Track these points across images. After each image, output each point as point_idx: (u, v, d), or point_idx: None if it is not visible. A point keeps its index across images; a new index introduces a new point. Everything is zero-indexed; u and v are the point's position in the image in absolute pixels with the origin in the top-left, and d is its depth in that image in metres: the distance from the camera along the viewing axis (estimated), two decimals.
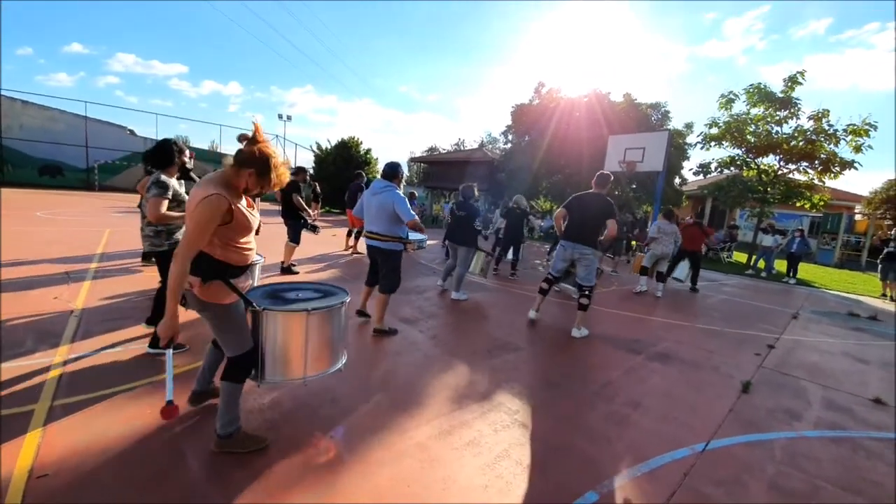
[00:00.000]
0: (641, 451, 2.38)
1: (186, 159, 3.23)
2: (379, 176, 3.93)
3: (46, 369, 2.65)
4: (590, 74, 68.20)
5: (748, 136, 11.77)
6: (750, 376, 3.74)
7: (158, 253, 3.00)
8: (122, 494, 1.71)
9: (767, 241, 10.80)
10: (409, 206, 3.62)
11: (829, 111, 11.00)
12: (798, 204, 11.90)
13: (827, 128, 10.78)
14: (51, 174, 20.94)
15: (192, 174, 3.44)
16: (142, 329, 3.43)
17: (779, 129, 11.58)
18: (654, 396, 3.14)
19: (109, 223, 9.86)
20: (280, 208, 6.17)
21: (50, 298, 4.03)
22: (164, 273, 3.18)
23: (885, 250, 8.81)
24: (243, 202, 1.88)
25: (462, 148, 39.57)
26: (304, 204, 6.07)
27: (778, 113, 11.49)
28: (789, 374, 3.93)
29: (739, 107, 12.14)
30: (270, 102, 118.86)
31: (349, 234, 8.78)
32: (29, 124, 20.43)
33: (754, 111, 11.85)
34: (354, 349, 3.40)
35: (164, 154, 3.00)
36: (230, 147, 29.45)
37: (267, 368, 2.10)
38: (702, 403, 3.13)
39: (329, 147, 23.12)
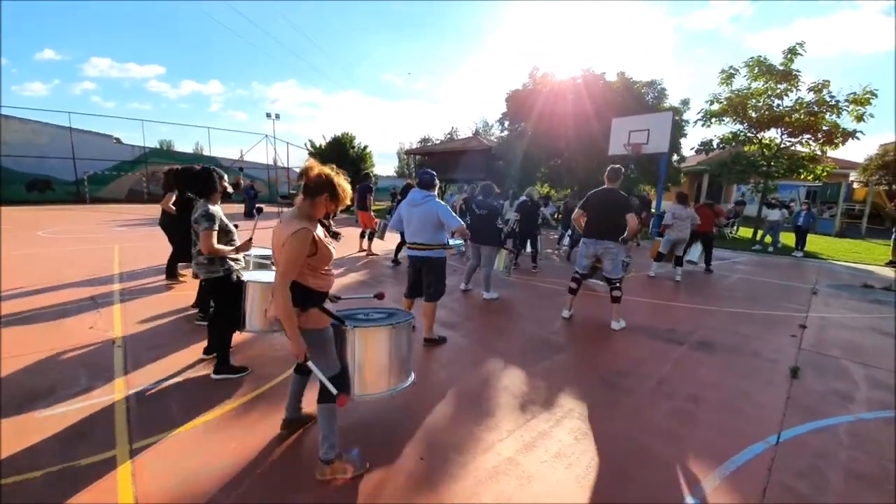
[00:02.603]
0: (720, 448, 2.42)
1: (227, 184, 3.24)
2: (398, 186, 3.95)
3: (111, 408, 2.62)
4: (581, 53, 67.88)
5: (750, 111, 11.78)
6: (793, 360, 3.81)
7: (214, 279, 3.01)
8: None
9: (774, 215, 10.92)
10: (453, 212, 3.63)
11: (829, 82, 11.04)
12: (801, 176, 12.01)
13: (828, 99, 10.82)
14: (39, 189, 20.47)
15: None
16: (192, 355, 3.40)
17: (780, 102, 11.60)
18: (710, 388, 3.19)
19: (115, 238, 9.68)
20: None
21: (86, 328, 3.96)
22: (215, 298, 3.16)
23: None
24: (321, 233, 2.00)
25: (456, 137, 39.23)
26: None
27: (778, 86, 11.49)
28: (828, 355, 4.01)
29: (740, 81, 12.14)
30: (253, 99, 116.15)
31: (362, 236, 8.72)
32: (12, 139, 19.85)
33: (755, 85, 11.84)
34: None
35: (206, 183, 3.05)
36: (217, 149, 28.89)
37: (357, 385, 2.21)
38: (757, 392, 3.18)
39: (322, 144, 22.86)
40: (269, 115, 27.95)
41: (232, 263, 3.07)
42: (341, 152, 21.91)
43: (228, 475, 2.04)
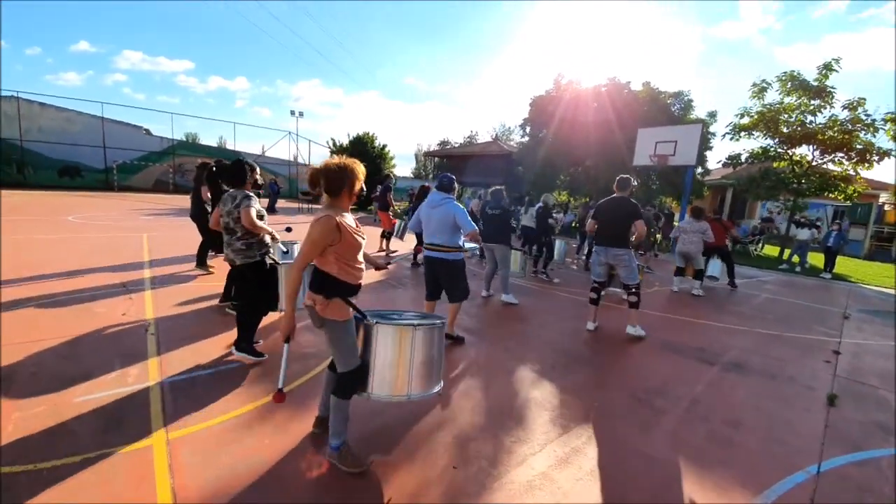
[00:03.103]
0: (760, 476, 2.34)
1: (258, 176, 3.33)
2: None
3: (146, 396, 2.66)
4: (606, 60, 67.57)
5: (781, 127, 11.48)
6: (829, 387, 3.68)
7: (252, 264, 3.17)
8: None
9: (803, 234, 10.59)
10: (469, 217, 3.65)
11: (864, 100, 10.69)
12: (832, 195, 11.64)
13: (864, 117, 10.47)
14: (70, 175, 21.15)
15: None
16: (224, 345, 3.46)
17: (813, 118, 11.28)
18: (747, 412, 3.09)
19: (144, 227, 9.92)
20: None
21: (118, 314, 4.04)
22: (250, 283, 3.26)
23: None
24: (352, 222, 2.07)
25: (475, 141, 39.22)
26: None
27: (812, 102, 11.18)
28: (865, 383, 3.86)
29: (772, 95, 11.85)
30: (277, 97, 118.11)
31: (383, 236, 8.75)
32: (47, 126, 20.59)
33: (788, 100, 11.54)
34: None
35: (238, 173, 3.22)
36: (241, 144, 29.41)
37: (375, 383, 2.18)
38: (795, 419, 3.07)
39: (344, 143, 23.11)
40: (293, 113, 28.43)
41: (269, 245, 3.27)
42: (362, 151, 22.09)
43: (264, 472, 2.04)
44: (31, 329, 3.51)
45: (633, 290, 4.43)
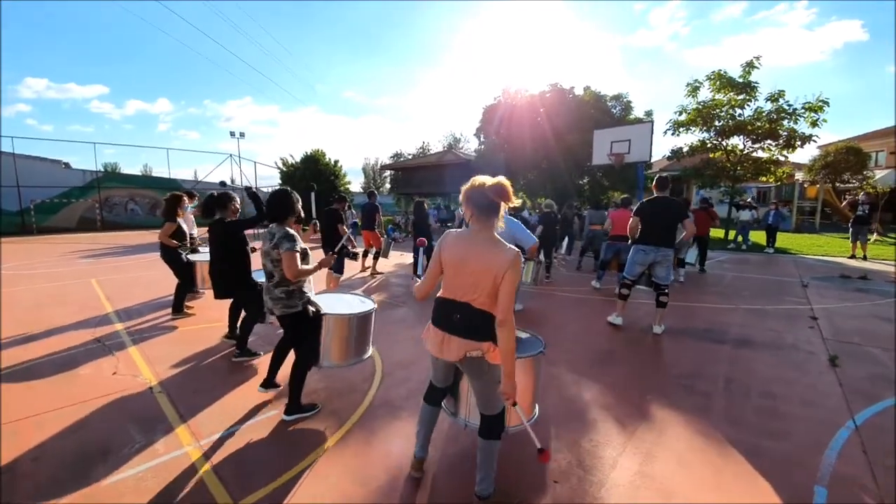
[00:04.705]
0: (816, 438, 2.54)
1: (300, 208, 2.97)
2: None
3: (186, 462, 2.36)
4: (545, 70, 71.84)
5: (715, 121, 12.70)
6: (825, 349, 4.07)
7: (292, 315, 2.74)
8: None
9: (745, 215, 11.74)
10: (528, 230, 3.61)
11: (784, 91, 12.12)
12: (763, 178, 13.03)
13: (786, 107, 11.86)
14: None
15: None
16: (246, 394, 3.15)
17: (741, 111, 12.59)
18: (775, 383, 3.34)
19: (87, 272, 8.85)
20: (320, 238, 5.96)
21: (108, 374, 3.57)
22: (296, 334, 2.87)
23: (855, 214, 9.82)
24: None
25: (427, 152, 39.46)
26: (349, 234, 5.89)
27: (738, 97, 12.48)
28: (850, 342, 4.31)
29: (704, 93, 13.09)
30: (205, 118, 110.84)
31: (365, 255, 8.52)
32: None
33: (718, 96, 12.80)
34: None
35: (284, 206, 2.80)
36: (173, 171, 27.36)
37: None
38: (815, 382, 3.37)
39: (295, 162, 22.30)
40: (233, 134, 27.05)
41: (311, 295, 2.83)
42: (314, 170, 21.44)
43: None
44: (9, 407, 2.99)
45: (666, 290, 4.49)
